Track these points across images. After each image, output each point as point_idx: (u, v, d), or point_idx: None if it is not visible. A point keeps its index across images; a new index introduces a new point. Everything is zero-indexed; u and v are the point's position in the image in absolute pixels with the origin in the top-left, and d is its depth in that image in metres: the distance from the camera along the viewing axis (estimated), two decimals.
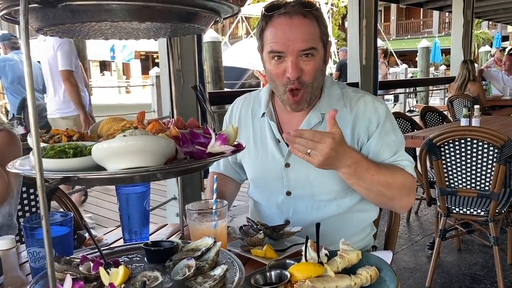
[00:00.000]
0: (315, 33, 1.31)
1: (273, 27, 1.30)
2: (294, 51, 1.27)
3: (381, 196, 1.32)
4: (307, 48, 1.28)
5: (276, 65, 1.32)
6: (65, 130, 0.86)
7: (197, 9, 0.72)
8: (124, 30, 0.77)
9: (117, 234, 1.48)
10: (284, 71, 1.31)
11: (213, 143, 0.76)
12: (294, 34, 1.27)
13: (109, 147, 0.66)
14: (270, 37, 1.31)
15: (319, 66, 1.33)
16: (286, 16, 1.28)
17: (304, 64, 1.30)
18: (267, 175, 1.47)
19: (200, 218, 1.12)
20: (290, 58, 1.28)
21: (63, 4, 0.61)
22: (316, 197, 1.42)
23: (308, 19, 1.29)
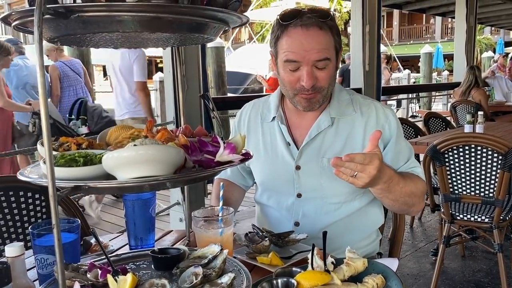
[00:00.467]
0: (330, 43, 1.34)
1: (289, 37, 1.32)
2: (309, 60, 1.30)
3: (404, 205, 1.37)
4: (322, 59, 1.31)
5: (290, 72, 1.35)
6: (75, 138, 0.87)
7: (207, 20, 0.73)
8: (134, 40, 0.78)
9: (122, 240, 1.48)
10: (298, 79, 1.34)
11: (222, 152, 0.76)
12: (310, 45, 1.29)
13: (119, 157, 0.67)
14: (286, 46, 1.33)
15: (332, 73, 1.37)
16: (303, 27, 1.30)
17: (319, 73, 1.33)
18: (277, 178, 1.49)
19: (206, 225, 1.12)
20: (306, 68, 1.31)
21: (75, 16, 0.62)
22: (327, 200, 1.44)
23: (323, 31, 1.31)
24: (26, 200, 1.81)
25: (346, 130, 1.44)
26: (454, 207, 2.83)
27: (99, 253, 1.24)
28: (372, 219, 1.54)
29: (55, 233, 0.59)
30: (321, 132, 1.43)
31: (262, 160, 1.51)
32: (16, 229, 1.80)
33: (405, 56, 25.56)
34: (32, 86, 5.21)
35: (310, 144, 1.44)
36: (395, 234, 1.68)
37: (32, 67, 5.31)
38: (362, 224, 1.51)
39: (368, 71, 5.25)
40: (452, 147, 2.66)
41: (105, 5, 0.64)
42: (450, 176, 2.73)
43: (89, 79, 5.72)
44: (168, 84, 3.82)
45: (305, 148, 1.44)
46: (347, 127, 1.44)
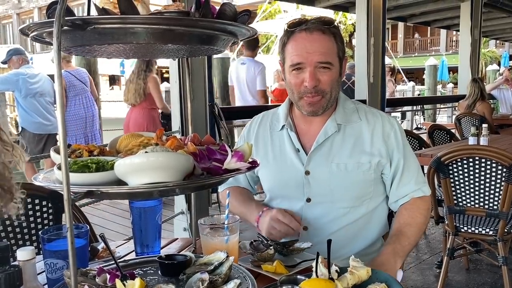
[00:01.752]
0: (333, 48, 1.42)
1: (294, 41, 1.42)
2: (312, 62, 1.38)
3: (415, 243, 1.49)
4: (325, 62, 1.39)
5: (295, 75, 1.43)
6: (86, 145, 0.89)
7: (217, 33, 0.75)
8: (146, 51, 0.80)
9: (128, 247, 1.50)
10: (303, 81, 1.41)
11: (230, 159, 0.79)
12: (313, 47, 1.38)
13: (131, 163, 0.69)
14: (291, 50, 1.42)
15: (335, 77, 1.44)
16: (307, 31, 1.40)
17: (321, 75, 1.41)
18: (287, 184, 1.53)
19: (212, 233, 1.14)
20: (309, 69, 1.39)
21: (91, 27, 0.65)
22: (335, 204, 1.47)
23: (326, 35, 1.41)
24: (33, 207, 1.84)
25: (353, 136, 1.49)
26: (459, 219, 2.83)
27: (106, 259, 1.26)
28: (377, 226, 1.57)
29: (68, 235, 0.61)
30: (329, 138, 1.49)
31: (271, 167, 1.55)
32: (23, 236, 1.82)
33: (409, 69, 25.61)
34: (41, 95, 5.26)
35: (318, 150, 1.49)
36: None
37: (39, 75, 5.37)
38: (368, 230, 1.54)
39: (372, 83, 5.27)
40: (456, 159, 2.67)
41: (120, 17, 0.67)
42: (454, 188, 2.74)
43: (95, 89, 5.77)
44: (174, 94, 3.85)
45: (314, 153, 1.48)
46: (353, 133, 1.50)
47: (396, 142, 1.50)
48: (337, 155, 1.47)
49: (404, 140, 1.53)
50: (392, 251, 1.36)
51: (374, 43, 5.25)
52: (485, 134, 3.35)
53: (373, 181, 1.49)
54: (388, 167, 1.49)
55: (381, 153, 1.48)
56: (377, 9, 5.24)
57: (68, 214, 0.62)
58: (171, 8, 0.78)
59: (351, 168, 1.45)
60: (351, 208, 1.48)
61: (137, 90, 4.73)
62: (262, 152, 1.57)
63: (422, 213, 1.49)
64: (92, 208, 4.75)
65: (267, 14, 18.65)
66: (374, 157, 1.47)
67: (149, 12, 0.74)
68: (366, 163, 1.46)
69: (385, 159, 1.48)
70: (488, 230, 2.71)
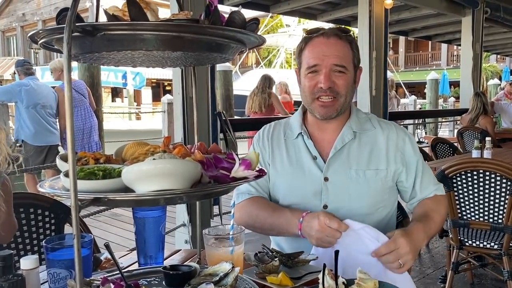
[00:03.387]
0: (348, 54, 1.46)
1: (312, 46, 1.47)
2: (328, 64, 1.42)
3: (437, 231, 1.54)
4: (339, 65, 1.43)
5: (310, 77, 1.46)
6: (92, 153, 0.89)
7: (226, 40, 0.75)
8: (154, 58, 0.80)
9: (131, 258, 1.48)
10: (317, 83, 1.44)
11: (237, 167, 0.78)
12: (329, 50, 1.43)
13: (139, 170, 0.69)
14: (308, 54, 1.47)
15: (350, 82, 1.48)
16: (324, 36, 1.45)
17: (336, 78, 1.44)
18: (304, 191, 1.52)
19: (217, 243, 1.13)
20: (324, 70, 1.42)
21: (101, 34, 0.64)
22: (352, 211, 1.46)
23: (342, 41, 1.45)
24: (35, 217, 1.83)
25: (369, 143, 1.52)
26: (463, 233, 2.80)
27: (109, 270, 1.25)
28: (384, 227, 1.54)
29: (75, 243, 0.60)
30: (346, 145, 1.51)
31: (288, 175, 1.55)
32: (24, 246, 1.80)
33: (411, 83, 25.70)
34: (42, 106, 5.28)
35: (337, 156, 1.50)
36: None
37: (42, 87, 5.39)
38: None
39: (375, 96, 5.29)
40: (460, 172, 2.65)
41: (129, 24, 0.67)
42: (458, 201, 2.72)
43: (93, 100, 5.79)
44: (178, 105, 3.86)
45: (332, 160, 1.49)
46: (369, 141, 1.52)
47: (412, 147, 1.54)
48: (355, 162, 1.48)
49: (418, 149, 1.58)
50: (423, 227, 1.39)
51: (376, 57, 5.28)
52: (488, 147, 3.34)
53: (388, 189, 1.51)
54: (405, 173, 1.52)
55: (396, 160, 1.51)
56: (379, 23, 5.29)
57: (75, 221, 0.61)
58: (180, 16, 0.78)
59: (370, 175, 1.47)
60: (366, 216, 1.47)
61: (261, 102, 6.31)
62: (278, 160, 1.57)
63: (444, 206, 1.56)
64: (93, 220, 4.73)
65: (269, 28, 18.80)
66: (391, 165, 1.50)
67: (158, 19, 0.74)
68: (384, 170, 1.49)
69: (401, 166, 1.51)
70: (493, 244, 2.69)
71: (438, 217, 1.49)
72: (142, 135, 8.32)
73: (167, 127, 7.33)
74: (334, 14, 7.01)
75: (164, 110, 7.84)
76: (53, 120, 5.44)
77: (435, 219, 1.46)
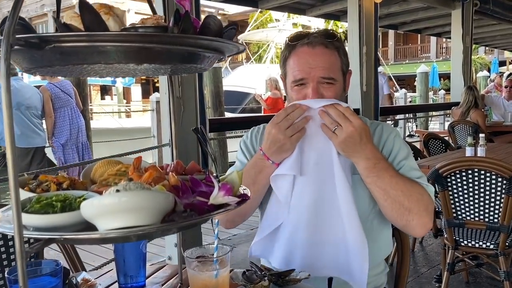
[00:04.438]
0: (336, 63, 1.37)
1: (296, 56, 1.37)
2: (315, 77, 1.33)
3: (399, 204, 1.29)
4: (327, 77, 1.33)
5: (298, 91, 1.37)
6: (55, 176, 0.79)
7: (200, 50, 0.66)
8: (120, 70, 0.71)
9: (111, 277, 1.39)
10: (305, 96, 1.35)
11: (216, 193, 0.69)
12: (315, 62, 1.33)
13: (100, 204, 0.59)
14: (293, 66, 1.37)
15: (339, 92, 1.38)
16: (309, 46, 1.34)
17: (325, 90, 1.35)
18: None
19: (200, 267, 1.03)
20: (311, 84, 1.33)
21: (51, 46, 0.55)
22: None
23: (329, 49, 1.35)
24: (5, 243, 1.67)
25: None
26: (458, 233, 2.74)
27: None
28: (381, 246, 1.47)
29: None
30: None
31: None
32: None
33: (401, 76, 25.70)
34: (27, 107, 5.15)
35: None
36: (401, 267, 1.60)
37: (26, 87, 5.26)
38: (372, 251, 1.41)
39: (365, 92, 5.23)
40: (455, 171, 2.59)
41: (85, 35, 0.57)
42: (453, 200, 2.65)
43: (79, 100, 5.68)
44: (164, 105, 3.75)
45: None
46: None
47: (399, 144, 1.43)
48: None
49: (405, 144, 1.47)
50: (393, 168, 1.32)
51: (366, 52, 5.22)
52: (482, 144, 3.28)
53: None
54: None
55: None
56: (369, 18, 5.22)
57: (21, 271, 0.51)
58: (149, 21, 0.68)
59: (356, 179, 1.35)
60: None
61: None
62: None
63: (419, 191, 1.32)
64: None
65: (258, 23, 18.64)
66: None
67: (122, 27, 0.64)
68: None
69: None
70: (489, 243, 2.63)
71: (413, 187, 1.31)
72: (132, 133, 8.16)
73: (156, 126, 7.19)
74: (323, 8, 6.92)
75: (153, 109, 7.69)
76: (39, 122, 5.33)
77: (409, 179, 1.32)
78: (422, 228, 1.34)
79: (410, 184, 1.31)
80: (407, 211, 1.30)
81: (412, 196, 1.29)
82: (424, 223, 1.33)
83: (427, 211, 1.32)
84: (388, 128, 1.49)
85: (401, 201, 1.28)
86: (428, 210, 1.32)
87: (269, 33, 16.51)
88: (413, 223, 1.32)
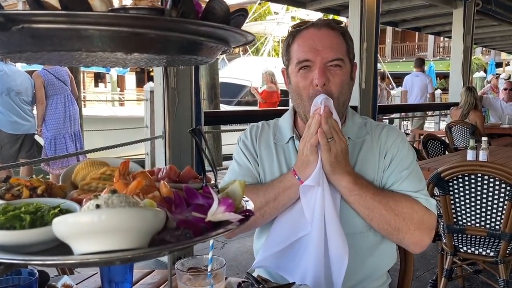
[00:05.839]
0: (342, 46, 1.30)
1: (301, 38, 1.30)
2: (322, 59, 1.26)
3: (385, 223, 1.25)
4: (335, 59, 1.26)
5: (303, 75, 1.29)
6: (29, 180, 0.68)
7: (202, 39, 0.55)
8: (107, 59, 0.60)
9: (95, 281, 1.29)
10: (311, 81, 1.27)
11: (215, 208, 0.58)
12: (322, 43, 1.26)
13: (75, 223, 0.48)
14: (297, 48, 1.30)
15: (345, 79, 1.30)
16: (315, 27, 1.29)
17: (331, 75, 1.27)
18: None
19: (192, 281, 0.93)
20: (318, 65, 1.26)
21: (19, 27, 0.44)
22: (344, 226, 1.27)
23: (335, 32, 1.29)
24: None
25: (362, 153, 1.35)
26: (457, 239, 2.67)
27: None
28: (384, 258, 1.39)
29: None
30: None
31: None
32: None
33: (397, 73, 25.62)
34: (17, 93, 5.00)
35: None
36: (403, 280, 1.52)
37: (17, 72, 5.10)
38: (375, 262, 1.36)
39: (364, 89, 5.14)
40: (457, 175, 2.50)
41: (63, 14, 0.46)
42: (454, 205, 2.57)
43: (75, 88, 5.51)
44: (159, 96, 3.64)
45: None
46: (363, 150, 1.36)
47: (405, 151, 1.36)
48: None
49: (412, 150, 1.39)
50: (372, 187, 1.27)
51: (367, 48, 5.12)
52: (484, 147, 3.19)
53: None
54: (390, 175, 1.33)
55: (385, 165, 1.34)
56: (371, 14, 5.11)
57: None
58: (143, 2, 0.57)
59: None
60: (358, 234, 1.31)
61: None
62: (267, 163, 1.40)
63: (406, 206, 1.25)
64: None
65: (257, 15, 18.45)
66: (379, 173, 1.33)
67: (109, 8, 0.53)
68: (375, 182, 1.32)
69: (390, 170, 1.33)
70: (489, 251, 2.56)
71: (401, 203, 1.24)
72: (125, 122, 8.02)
73: (150, 116, 7.05)
74: (324, 2, 6.80)
75: (147, 99, 7.54)
76: (29, 108, 5.19)
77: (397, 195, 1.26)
78: (416, 246, 1.30)
79: (395, 203, 1.25)
80: (396, 230, 1.26)
81: (398, 215, 1.24)
82: (417, 242, 1.28)
83: (420, 229, 1.26)
84: (394, 132, 1.41)
85: (387, 220, 1.24)
86: (422, 227, 1.26)
87: (267, 25, 16.35)
88: (405, 241, 1.29)
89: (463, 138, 5.45)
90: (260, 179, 1.40)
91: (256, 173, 1.40)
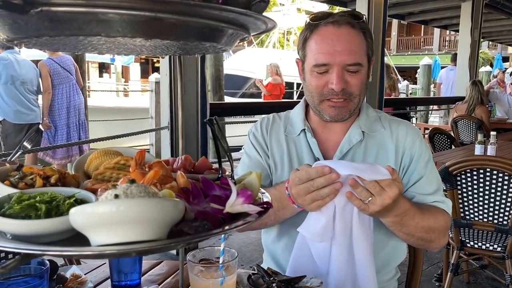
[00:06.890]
0: (362, 46, 1.24)
1: (319, 36, 1.24)
2: (340, 62, 1.21)
3: (421, 240, 1.25)
4: (353, 63, 1.21)
5: (318, 77, 1.25)
6: (42, 169, 0.67)
7: (223, 25, 0.53)
8: (124, 46, 0.58)
9: (104, 271, 1.28)
10: (326, 83, 1.24)
11: (234, 200, 0.57)
12: (341, 45, 1.20)
13: (93, 213, 0.47)
14: (315, 47, 1.24)
15: (364, 80, 1.26)
16: (334, 24, 1.21)
17: (350, 77, 1.23)
18: None
19: (204, 273, 0.92)
20: (336, 69, 1.21)
21: (37, 10, 0.42)
22: None
23: (356, 30, 1.23)
24: None
25: (375, 148, 1.33)
26: (464, 233, 2.65)
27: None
28: (396, 252, 1.38)
29: None
30: (352, 148, 1.32)
31: (286, 174, 1.35)
32: None
33: (402, 67, 25.47)
34: (22, 82, 4.99)
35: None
36: (412, 274, 1.51)
37: (23, 61, 5.08)
38: (385, 256, 1.35)
39: (371, 82, 5.09)
40: (465, 170, 2.48)
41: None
42: (462, 200, 2.56)
43: (80, 77, 5.49)
44: (164, 87, 3.62)
45: None
46: (376, 143, 1.33)
47: (420, 151, 1.32)
48: None
49: (428, 152, 1.35)
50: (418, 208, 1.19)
51: (374, 40, 5.07)
52: (493, 142, 3.17)
53: None
54: (407, 176, 1.31)
55: (404, 164, 1.31)
56: (378, 6, 5.06)
57: None
58: None
59: None
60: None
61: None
62: (278, 154, 1.38)
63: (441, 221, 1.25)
64: None
65: None
66: (397, 170, 1.29)
67: None
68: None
69: (407, 169, 1.31)
70: (496, 246, 2.54)
71: (436, 219, 1.23)
72: (130, 113, 8.01)
73: (155, 107, 7.03)
74: None
75: (152, 89, 7.53)
76: (34, 98, 5.17)
77: (431, 212, 1.23)
78: (439, 248, 1.33)
79: (434, 221, 1.24)
80: (428, 242, 1.27)
81: (435, 231, 1.25)
82: (442, 245, 1.31)
83: (445, 234, 1.30)
84: (413, 130, 1.37)
85: (424, 238, 1.25)
86: (446, 232, 1.31)
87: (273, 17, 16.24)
88: (431, 247, 1.31)
89: (469, 132, 5.42)
90: (270, 171, 1.38)
91: (266, 166, 1.38)
